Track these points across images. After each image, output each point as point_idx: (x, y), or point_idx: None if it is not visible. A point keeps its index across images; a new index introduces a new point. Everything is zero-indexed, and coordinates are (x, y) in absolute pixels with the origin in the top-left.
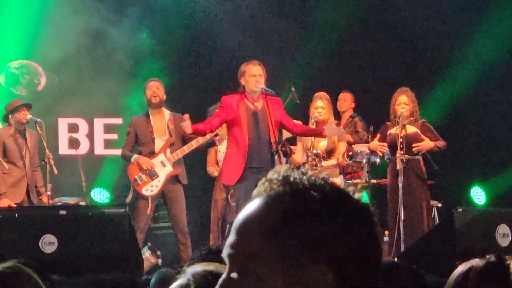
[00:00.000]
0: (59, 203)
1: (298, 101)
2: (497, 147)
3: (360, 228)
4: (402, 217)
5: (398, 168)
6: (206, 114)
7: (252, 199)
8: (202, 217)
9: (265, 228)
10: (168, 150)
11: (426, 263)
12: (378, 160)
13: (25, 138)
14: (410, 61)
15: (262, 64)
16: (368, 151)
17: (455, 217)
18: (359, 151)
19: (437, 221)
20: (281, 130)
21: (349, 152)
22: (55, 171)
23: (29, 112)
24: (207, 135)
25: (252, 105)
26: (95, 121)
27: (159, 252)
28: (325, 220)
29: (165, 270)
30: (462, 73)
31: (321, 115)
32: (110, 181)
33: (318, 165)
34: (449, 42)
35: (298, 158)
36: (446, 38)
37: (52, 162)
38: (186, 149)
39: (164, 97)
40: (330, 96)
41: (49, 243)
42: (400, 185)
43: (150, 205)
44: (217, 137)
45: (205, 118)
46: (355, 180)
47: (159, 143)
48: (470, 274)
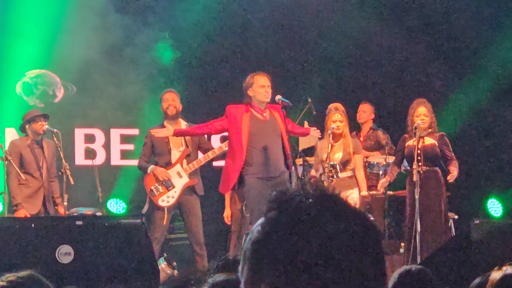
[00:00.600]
0: (76, 214)
1: (315, 112)
2: None
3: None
4: (418, 229)
5: (415, 179)
6: None
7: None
8: (219, 228)
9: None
10: (185, 161)
11: (443, 275)
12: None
13: (42, 148)
14: (428, 71)
15: (269, 75)
16: (385, 163)
17: (472, 229)
18: (375, 163)
19: (454, 233)
20: (297, 140)
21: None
22: (72, 181)
23: (46, 123)
24: (204, 135)
25: (260, 116)
26: (112, 131)
27: (175, 263)
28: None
29: None
30: (479, 84)
31: (339, 129)
32: (126, 191)
33: (334, 176)
34: (466, 51)
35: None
36: (464, 48)
37: (68, 172)
38: (203, 160)
39: (180, 108)
40: (343, 107)
41: (65, 253)
42: (416, 197)
43: (166, 216)
44: None
45: None
46: (371, 192)
47: (175, 154)
48: (487, 286)
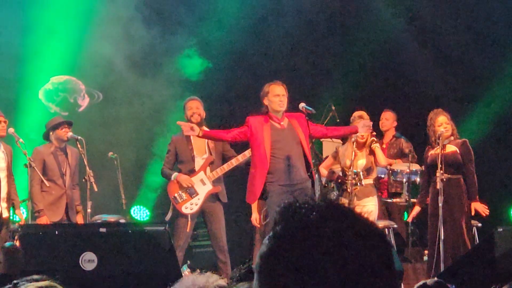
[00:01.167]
0: (99, 221)
1: (338, 120)
2: None
3: None
4: (442, 237)
5: (438, 187)
6: None
7: None
8: (242, 235)
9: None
10: (208, 169)
11: (466, 284)
12: (418, 179)
13: (66, 155)
14: (451, 80)
15: (285, 85)
16: (408, 170)
17: (496, 237)
18: (399, 170)
19: (477, 241)
20: (321, 146)
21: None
22: (96, 188)
23: (70, 130)
24: (226, 141)
25: (278, 125)
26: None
27: (198, 270)
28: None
29: None
30: (502, 91)
31: (363, 138)
32: (150, 198)
33: (358, 184)
34: (490, 59)
35: (323, 171)
36: (486, 57)
37: (92, 179)
38: (226, 167)
39: (204, 115)
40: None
41: (89, 260)
42: (440, 205)
43: (189, 223)
44: None
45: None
46: (395, 199)
47: (199, 162)
48: None
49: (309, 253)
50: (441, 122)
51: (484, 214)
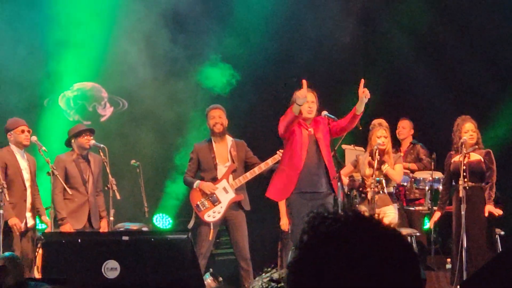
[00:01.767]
0: (122, 229)
1: (360, 127)
2: None
3: None
4: (465, 245)
5: (461, 195)
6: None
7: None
8: (264, 243)
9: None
10: (231, 177)
11: None
12: (441, 187)
13: (88, 162)
14: (473, 85)
15: (315, 92)
16: (431, 178)
17: None
18: (421, 178)
19: (500, 249)
20: (343, 154)
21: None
22: (118, 196)
23: (92, 137)
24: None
25: (306, 131)
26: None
27: (221, 278)
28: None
29: None
30: None
31: (384, 145)
32: (172, 206)
33: (380, 192)
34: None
35: (343, 179)
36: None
37: (115, 187)
38: (249, 175)
39: (227, 123)
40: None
41: (111, 268)
42: (463, 213)
43: (212, 231)
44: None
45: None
46: (417, 207)
47: (221, 170)
48: None
49: (334, 264)
50: (467, 129)
51: (497, 214)
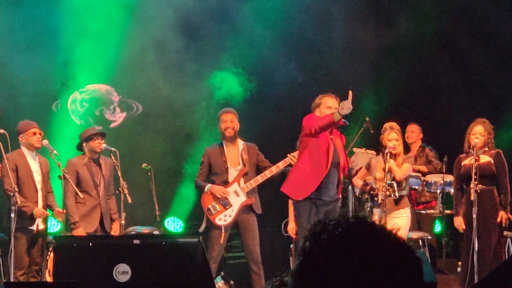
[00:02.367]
0: (133, 232)
1: (372, 131)
2: None
3: None
4: (475, 248)
5: (472, 198)
6: None
7: None
8: (276, 247)
9: None
10: (242, 180)
11: None
12: (452, 191)
13: (99, 166)
14: (488, 87)
15: (338, 98)
16: (442, 182)
17: None
18: (433, 181)
19: (511, 253)
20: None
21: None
22: (129, 200)
23: (103, 141)
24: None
25: (330, 137)
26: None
27: (232, 282)
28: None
29: None
30: None
31: (395, 148)
32: (183, 210)
33: (392, 195)
34: None
35: (358, 182)
36: None
37: (126, 191)
38: (260, 179)
39: (238, 128)
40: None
41: (122, 272)
42: (474, 216)
43: (223, 234)
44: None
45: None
46: (428, 211)
47: (232, 173)
48: None
49: (336, 271)
50: (475, 132)
51: (504, 224)
